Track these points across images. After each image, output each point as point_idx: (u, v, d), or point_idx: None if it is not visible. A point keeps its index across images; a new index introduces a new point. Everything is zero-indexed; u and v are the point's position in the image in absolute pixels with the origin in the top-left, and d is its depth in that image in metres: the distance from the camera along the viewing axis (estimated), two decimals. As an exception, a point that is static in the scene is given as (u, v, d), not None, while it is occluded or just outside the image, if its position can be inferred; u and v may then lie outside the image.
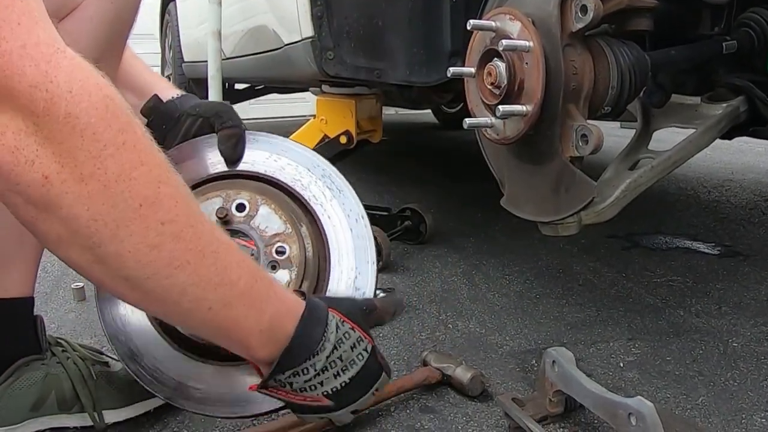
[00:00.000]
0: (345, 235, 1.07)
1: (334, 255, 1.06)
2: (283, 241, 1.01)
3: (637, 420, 0.89)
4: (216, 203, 1.03)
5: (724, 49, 1.27)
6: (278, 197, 1.06)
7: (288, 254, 1.01)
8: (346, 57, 1.73)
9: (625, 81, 1.13)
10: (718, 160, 3.92)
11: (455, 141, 5.00)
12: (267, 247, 1.01)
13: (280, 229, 1.02)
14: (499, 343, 1.44)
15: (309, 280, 1.02)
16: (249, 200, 1.03)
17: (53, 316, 1.60)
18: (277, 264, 1.00)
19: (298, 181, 1.09)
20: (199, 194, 1.04)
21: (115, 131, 0.64)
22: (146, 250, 0.67)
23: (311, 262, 1.03)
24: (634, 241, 2.22)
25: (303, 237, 1.03)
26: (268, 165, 1.10)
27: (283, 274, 1.00)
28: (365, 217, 1.09)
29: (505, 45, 1.07)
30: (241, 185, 1.06)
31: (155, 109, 1.15)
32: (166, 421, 1.14)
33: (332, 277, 1.05)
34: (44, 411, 1.07)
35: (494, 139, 1.19)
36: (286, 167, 1.10)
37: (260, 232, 1.02)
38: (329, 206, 1.08)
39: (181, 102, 1.16)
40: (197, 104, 1.16)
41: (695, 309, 1.62)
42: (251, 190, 1.05)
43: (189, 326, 0.79)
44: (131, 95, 1.17)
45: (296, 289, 0.94)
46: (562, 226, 1.19)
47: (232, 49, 2.79)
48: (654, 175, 1.23)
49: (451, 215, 2.60)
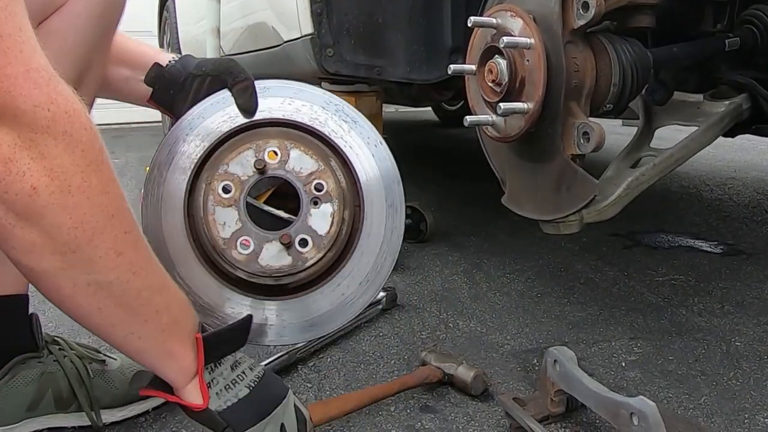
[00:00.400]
0: (369, 162, 1.14)
1: (363, 180, 1.12)
2: (319, 178, 1.08)
3: (639, 420, 0.89)
4: (249, 155, 1.08)
5: (727, 46, 1.27)
6: (303, 138, 1.11)
7: (326, 189, 1.08)
8: (345, 54, 1.73)
9: (627, 78, 1.12)
10: (720, 158, 3.91)
11: (456, 139, 4.99)
12: (305, 185, 1.07)
13: (314, 168, 1.08)
14: (500, 342, 1.44)
15: (348, 208, 1.09)
16: (279, 146, 1.08)
17: (51, 314, 1.60)
18: (318, 199, 1.07)
19: (316, 120, 1.14)
20: (230, 149, 1.09)
21: (97, 150, 0.73)
22: (114, 255, 0.76)
23: (347, 192, 1.10)
24: (636, 240, 2.22)
25: (335, 170, 1.10)
26: (284, 109, 1.14)
27: (326, 207, 1.07)
28: (383, 142, 1.17)
29: (507, 42, 1.07)
30: (266, 134, 1.11)
31: (159, 77, 1.15)
32: (165, 421, 1.14)
33: (366, 200, 1.12)
34: (41, 410, 1.07)
35: (495, 137, 1.19)
36: (301, 108, 1.14)
37: (296, 174, 1.08)
38: (349, 137, 1.14)
39: (183, 64, 1.16)
40: (201, 64, 1.16)
41: (698, 308, 1.62)
42: (277, 136, 1.10)
43: (135, 331, 0.83)
44: (123, 68, 1.17)
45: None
46: (563, 225, 1.19)
47: (231, 47, 2.79)
48: (656, 173, 1.23)
49: (451, 213, 2.60)
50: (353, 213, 1.11)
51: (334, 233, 1.07)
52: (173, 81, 1.15)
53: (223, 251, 1.05)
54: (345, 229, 1.09)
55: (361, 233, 1.11)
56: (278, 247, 1.05)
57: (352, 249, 1.11)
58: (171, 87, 1.15)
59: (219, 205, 1.06)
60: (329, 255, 1.08)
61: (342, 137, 1.14)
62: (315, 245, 1.06)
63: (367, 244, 1.11)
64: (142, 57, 1.17)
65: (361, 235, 1.11)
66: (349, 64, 1.74)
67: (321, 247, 1.07)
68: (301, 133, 1.12)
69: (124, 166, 3.97)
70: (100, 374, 1.12)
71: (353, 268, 1.10)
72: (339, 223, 1.07)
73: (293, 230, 1.07)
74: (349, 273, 1.10)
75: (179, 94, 1.15)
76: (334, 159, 1.11)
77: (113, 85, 1.18)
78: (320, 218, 1.07)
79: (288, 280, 1.07)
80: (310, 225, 1.07)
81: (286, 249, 1.05)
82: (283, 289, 1.08)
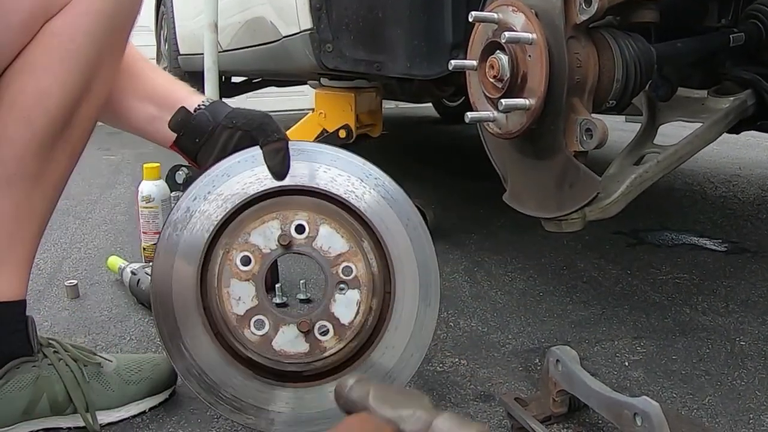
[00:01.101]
0: (406, 247, 1.06)
1: (398, 266, 1.05)
2: (348, 261, 1.01)
3: (642, 420, 0.89)
4: (274, 227, 1.01)
5: (732, 41, 1.27)
6: (336, 213, 1.04)
7: (355, 273, 1.01)
8: (345, 49, 1.73)
9: (630, 74, 1.12)
10: (725, 154, 3.91)
11: (457, 135, 5.00)
12: (333, 267, 1.00)
13: (344, 249, 1.01)
14: (502, 341, 1.44)
15: (377, 297, 1.02)
16: (308, 220, 1.01)
17: (46, 314, 1.60)
18: (345, 284, 1.00)
19: (352, 193, 1.07)
20: (254, 216, 1.02)
21: None
22: None
23: (377, 278, 1.03)
24: (640, 238, 2.22)
25: (366, 253, 1.03)
26: (319, 177, 1.07)
27: (352, 294, 1.00)
28: (423, 224, 1.08)
29: (508, 37, 1.07)
30: (297, 204, 1.04)
31: (185, 123, 1.11)
32: (162, 421, 1.14)
33: (398, 288, 1.05)
34: (37, 414, 1.07)
35: (497, 134, 1.19)
36: (337, 178, 1.07)
37: (324, 253, 1.01)
38: (386, 216, 1.07)
39: (213, 112, 1.12)
40: (232, 115, 1.11)
41: (702, 307, 1.62)
42: (308, 208, 1.03)
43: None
44: (150, 106, 1.14)
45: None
46: (566, 223, 1.19)
47: (229, 42, 2.79)
48: (660, 170, 1.23)
49: (452, 211, 2.60)
50: (382, 301, 1.03)
51: (359, 324, 1.00)
52: (200, 130, 1.11)
53: (234, 329, 0.99)
54: (371, 319, 1.02)
55: (389, 325, 1.04)
56: (295, 332, 0.99)
57: (377, 341, 1.03)
58: (197, 136, 1.11)
59: (236, 278, 0.99)
60: (351, 345, 1.01)
61: (379, 215, 1.06)
62: (336, 335, 1.00)
63: (394, 338, 1.04)
64: (171, 96, 1.14)
65: (388, 327, 1.04)
66: (348, 59, 1.74)
67: (343, 338, 1.00)
68: (334, 206, 1.05)
69: (120, 162, 3.96)
70: (95, 377, 1.12)
71: (375, 362, 1.04)
72: (365, 312, 1.01)
73: (314, 315, 1.00)
74: (370, 367, 1.04)
75: (206, 145, 1.10)
76: (368, 239, 1.04)
77: (136, 123, 1.16)
78: (345, 306, 1.00)
79: (302, 368, 1.01)
80: (332, 312, 1.00)
81: (304, 335, 0.99)
82: (297, 374, 1.02)
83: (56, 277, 1.88)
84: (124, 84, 1.14)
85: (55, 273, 1.92)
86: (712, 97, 1.33)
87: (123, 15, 1.03)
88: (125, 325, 1.55)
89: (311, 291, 1.70)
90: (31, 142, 0.99)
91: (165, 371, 1.19)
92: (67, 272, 1.93)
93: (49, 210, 1.08)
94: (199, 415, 1.16)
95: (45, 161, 1.02)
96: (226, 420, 1.13)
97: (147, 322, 1.56)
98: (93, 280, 1.86)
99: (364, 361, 1.03)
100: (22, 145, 0.99)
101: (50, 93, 0.98)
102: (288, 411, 1.03)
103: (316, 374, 1.02)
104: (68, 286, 1.73)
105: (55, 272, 1.93)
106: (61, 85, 0.99)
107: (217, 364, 1.03)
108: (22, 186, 1.01)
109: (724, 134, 1.33)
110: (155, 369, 1.18)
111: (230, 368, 1.02)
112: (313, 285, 1.75)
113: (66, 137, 1.03)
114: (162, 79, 1.18)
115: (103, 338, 1.47)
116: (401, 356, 1.04)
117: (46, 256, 2.06)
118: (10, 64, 0.98)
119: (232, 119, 1.10)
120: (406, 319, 1.05)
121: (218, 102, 1.15)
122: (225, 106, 1.14)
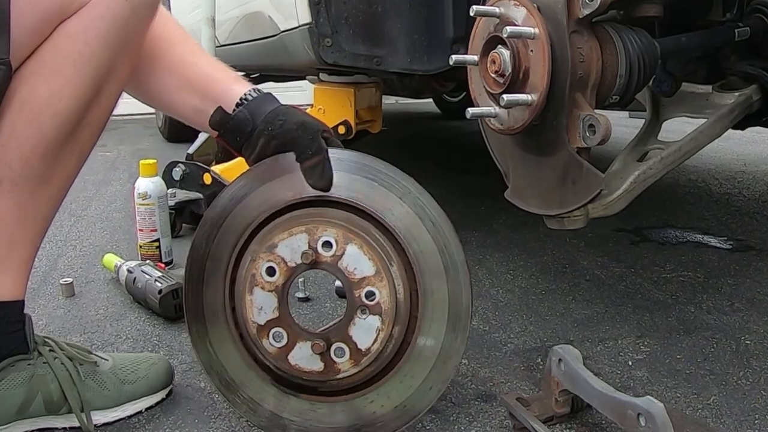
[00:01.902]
0: (439, 275, 1.03)
1: (428, 294, 1.03)
2: (372, 285, 0.98)
3: (646, 421, 0.89)
4: (302, 240, 1.00)
5: (737, 35, 1.27)
6: (367, 233, 1.01)
7: (378, 299, 0.98)
8: (344, 44, 1.73)
9: (634, 69, 1.12)
10: (730, 151, 3.91)
11: (458, 131, 4.99)
12: (356, 290, 0.99)
13: (369, 272, 0.99)
14: (504, 340, 1.44)
15: (400, 325, 1.00)
16: (336, 238, 0.99)
17: (41, 312, 1.60)
18: (366, 309, 0.98)
19: (389, 211, 1.04)
20: (284, 226, 1.01)
21: None
22: None
23: (402, 306, 1.00)
24: (643, 235, 2.22)
25: (394, 278, 1.00)
26: (356, 190, 1.05)
27: (373, 320, 0.98)
28: (461, 252, 1.05)
29: (510, 32, 1.06)
30: (327, 217, 1.02)
31: (223, 123, 1.10)
32: (159, 422, 1.14)
33: (425, 317, 1.03)
34: (31, 413, 1.07)
35: (498, 130, 1.19)
36: (375, 194, 1.05)
37: (348, 274, 0.99)
38: (421, 238, 1.04)
39: (253, 112, 1.09)
40: (270, 119, 1.08)
41: (706, 305, 1.62)
42: (338, 225, 1.00)
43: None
44: (193, 97, 1.13)
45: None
46: (568, 220, 1.19)
47: (227, 36, 2.79)
48: (664, 166, 1.23)
49: (453, 208, 2.60)
50: (407, 327, 1.01)
51: (376, 351, 0.99)
52: (239, 131, 1.09)
53: (255, 337, 1.00)
54: (391, 347, 1.00)
55: (411, 353, 1.02)
56: (311, 350, 0.99)
57: (397, 367, 1.02)
58: (237, 135, 1.10)
59: (259, 287, 0.99)
60: (367, 371, 1.00)
61: (414, 237, 1.03)
62: (352, 359, 0.99)
63: (414, 367, 1.02)
64: (212, 86, 1.13)
65: (410, 356, 1.02)
66: (347, 54, 1.74)
67: (358, 363, 0.99)
68: (367, 223, 1.03)
69: (116, 159, 3.97)
70: (91, 375, 1.12)
71: (392, 389, 1.03)
72: (384, 340, 0.98)
73: (331, 333, 1.00)
74: (385, 393, 1.03)
75: (245, 144, 1.10)
76: (397, 263, 1.01)
77: (185, 114, 1.15)
78: (364, 331, 0.98)
79: (317, 385, 1.03)
80: (350, 335, 0.99)
81: (319, 355, 0.99)
82: (312, 389, 1.04)
83: (51, 275, 1.88)
84: (166, 75, 1.14)
85: (50, 271, 1.92)
86: (716, 93, 1.33)
87: (138, 20, 1.03)
88: (121, 323, 1.55)
89: (310, 289, 1.71)
90: (39, 145, 0.99)
91: (162, 371, 1.19)
92: (62, 270, 1.93)
93: (52, 212, 1.08)
94: (196, 415, 1.16)
95: (52, 164, 1.01)
96: (224, 420, 1.13)
97: (143, 320, 1.56)
98: (88, 278, 1.86)
99: (379, 388, 1.03)
100: (30, 146, 0.98)
101: (61, 96, 0.98)
102: (301, 421, 1.04)
103: (332, 392, 1.03)
104: (63, 284, 1.73)
105: (50, 270, 1.93)
106: (72, 89, 0.98)
107: (238, 365, 1.05)
108: (27, 187, 1.01)
109: (729, 130, 1.33)
110: (152, 368, 1.18)
111: (250, 371, 1.05)
112: (312, 283, 1.75)
113: (74, 140, 1.03)
114: (203, 65, 1.15)
115: (98, 337, 1.47)
116: (419, 388, 1.03)
117: (41, 253, 2.05)
118: (23, 63, 0.97)
119: (268, 125, 1.08)
120: (429, 351, 1.03)
121: (261, 97, 1.12)
122: (267, 103, 1.11)
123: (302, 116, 1.09)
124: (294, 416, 1.04)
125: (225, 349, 1.05)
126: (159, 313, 1.56)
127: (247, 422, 1.11)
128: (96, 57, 0.98)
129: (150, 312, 1.60)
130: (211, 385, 1.21)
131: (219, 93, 1.12)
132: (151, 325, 1.54)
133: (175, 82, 1.14)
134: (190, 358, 1.35)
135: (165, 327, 1.53)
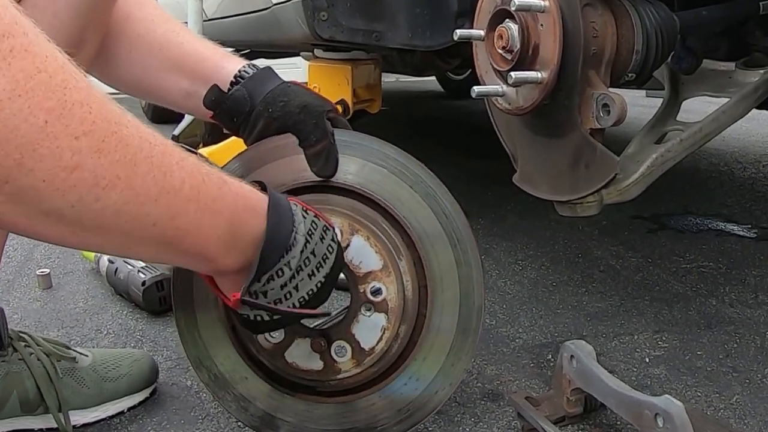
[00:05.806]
0: (451, 271, 1.02)
1: (438, 292, 1.01)
2: (378, 280, 0.97)
3: (664, 421, 0.89)
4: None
5: (762, 9, 1.26)
6: (375, 223, 0.99)
7: (384, 296, 0.97)
8: (341, 18, 1.72)
9: (651, 45, 1.12)
10: (754, 132, 3.91)
11: (462, 111, 4.99)
12: (361, 285, 0.97)
13: (376, 266, 0.97)
14: (512, 335, 1.45)
15: (407, 323, 0.99)
16: (341, 229, 0.97)
17: (16, 305, 1.60)
18: (372, 306, 0.97)
19: (398, 200, 1.03)
20: None
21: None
22: (64, 174, 0.59)
23: (410, 302, 0.99)
24: (661, 223, 2.22)
25: (402, 273, 0.98)
26: (363, 176, 1.03)
27: (377, 318, 0.97)
28: (475, 248, 1.04)
29: (518, 5, 1.06)
30: (332, 205, 0.99)
31: (219, 102, 1.06)
32: (142, 422, 1.14)
33: (434, 315, 1.01)
34: (6, 413, 1.07)
35: (506, 110, 1.19)
36: (384, 181, 1.03)
37: (353, 268, 0.97)
38: (432, 231, 1.03)
39: (251, 89, 1.05)
40: (270, 99, 1.05)
41: (729, 298, 1.62)
42: (343, 214, 0.98)
43: (133, 252, 0.73)
44: (182, 79, 1.10)
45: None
46: (581, 206, 1.19)
47: (215, 10, 2.78)
48: (683, 149, 1.22)
49: (458, 193, 2.58)
50: (414, 325, 1.00)
51: (381, 351, 0.97)
52: (236, 110, 1.06)
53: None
54: (397, 346, 0.99)
55: (417, 353, 1.01)
56: (310, 347, 0.98)
57: (402, 368, 1.01)
58: (234, 115, 1.07)
59: None
60: (370, 371, 0.99)
61: (425, 229, 1.02)
62: (354, 359, 0.97)
63: (420, 369, 1.01)
64: (202, 65, 1.09)
65: (416, 356, 1.01)
66: (344, 29, 1.73)
67: (361, 363, 0.97)
68: (374, 213, 1.01)
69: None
70: (69, 373, 1.12)
71: (396, 391, 1.02)
72: (389, 340, 0.97)
73: (332, 330, 0.98)
74: (388, 395, 1.02)
75: (243, 125, 1.07)
76: (406, 257, 1.00)
77: (173, 100, 1.13)
78: (368, 329, 0.97)
79: (315, 385, 1.01)
80: (353, 333, 0.97)
81: (318, 353, 0.98)
82: (309, 388, 1.02)
83: (27, 266, 1.88)
84: (148, 56, 1.11)
85: (26, 261, 1.92)
86: (740, 70, 1.32)
87: None
88: (102, 317, 1.55)
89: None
90: None
91: (145, 367, 1.19)
92: (38, 260, 1.93)
93: None
94: (182, 415, 1.16)
95: None
96: (212, 421, 1.13)
97: (125, 314, 1.56)
98: (67, 269, 1.87)
99: (382, 390, 1.02)
100: None
101: None
102: (295, 422, 1.04)
103: (330, 392, 1.02)
104: (40, 275, 1.73)
105: (25, 260, 1.93)
106: None
107: (229, 359, 1.03)
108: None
109: (753, 110, 1.33)
110: (134, 365, 1.18)
111: (243, 367, 1.03)
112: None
113: None
114: (189, 43, 1.12)
115: (77, 332, 1.47)
116: (425, 390, 1.02)
117: (15, 243, 2.06)
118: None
119: (269, 106, 1.04)
120: (436, 352, 1.02)
121: (260, 73, 1.08)
122: (266, 80, 1.08)
123: (305, 96, 1.07)
124: (288, 416, 1.03)
125: (216, 341, 1.03)
126: (142, 306, 1.56)
127: (237, 422, 1.11)
128: (65, 28, 0.97)
129: (133, 305, 1.60)
130: (198, 383, 1.21)
131: (210, 71, 1.09)
132: (133, 319, 1.54)
133: (159, 63, 1.11)
134: (175, 355, 1.35)
135: (149, 321, 1.53)
